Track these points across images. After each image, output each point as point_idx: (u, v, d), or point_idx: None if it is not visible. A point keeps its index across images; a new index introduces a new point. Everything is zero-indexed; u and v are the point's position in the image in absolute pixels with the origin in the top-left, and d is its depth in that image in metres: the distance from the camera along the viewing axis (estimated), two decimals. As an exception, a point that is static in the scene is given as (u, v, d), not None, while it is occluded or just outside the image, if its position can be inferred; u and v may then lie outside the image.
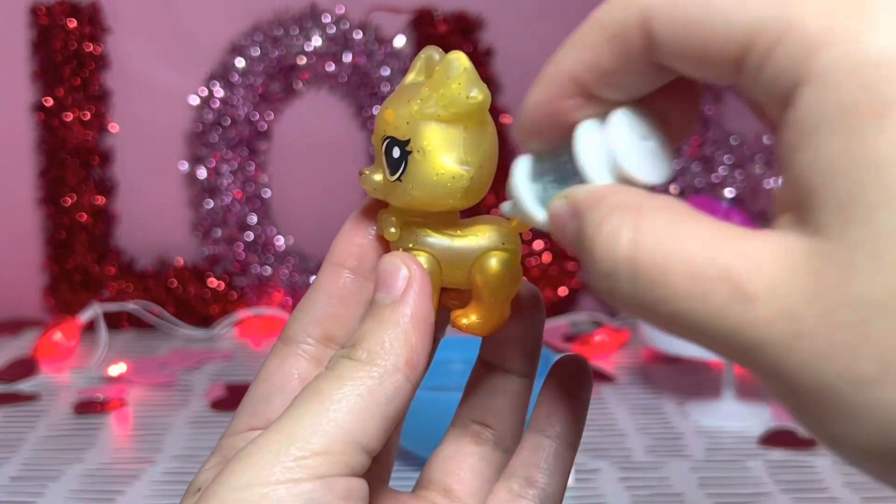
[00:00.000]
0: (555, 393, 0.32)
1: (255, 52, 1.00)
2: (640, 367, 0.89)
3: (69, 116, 1.00)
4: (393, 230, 0.30)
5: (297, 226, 1.04)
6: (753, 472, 0.69)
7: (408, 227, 0.30)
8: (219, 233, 1.02)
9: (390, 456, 0.33)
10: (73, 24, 1.00)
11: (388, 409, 0.27)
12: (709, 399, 0.79)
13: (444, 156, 0.29)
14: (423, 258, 0.30)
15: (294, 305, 1.00)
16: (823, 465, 0.70)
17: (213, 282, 1.02)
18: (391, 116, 0.29)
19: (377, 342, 0.27)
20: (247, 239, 1.02)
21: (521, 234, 0.31)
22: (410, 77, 0.30)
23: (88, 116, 1.01)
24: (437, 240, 0.30)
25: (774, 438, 0.73)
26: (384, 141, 0.29)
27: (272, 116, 1.02)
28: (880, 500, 0.66)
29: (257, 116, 1.01)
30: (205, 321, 1.01)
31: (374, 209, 0.31)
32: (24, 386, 0.87)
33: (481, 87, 0.28)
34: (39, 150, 1.02)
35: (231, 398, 0.82)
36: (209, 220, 1.02)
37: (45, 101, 1.01)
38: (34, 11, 1.00)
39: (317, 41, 1.00)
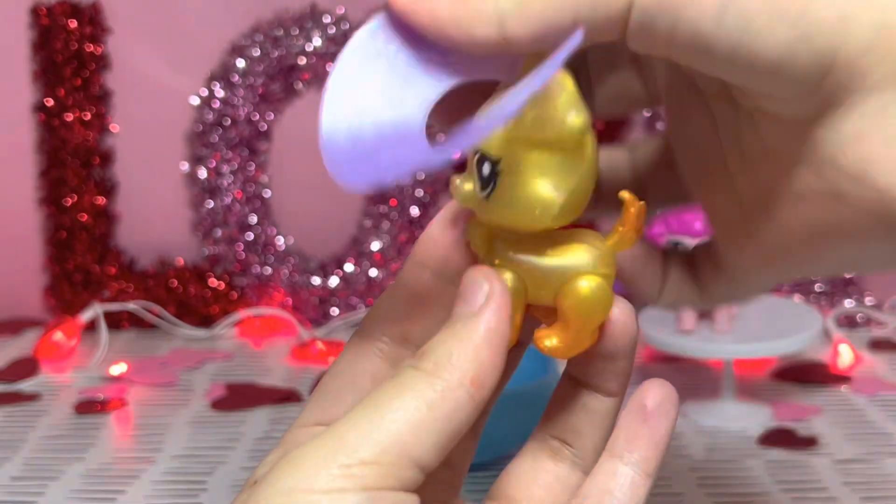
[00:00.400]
0: (637, 418, 0.30)
1: (256, 52, 1.00)
2: (640, 367, 0.89)
3: (70, 117, 1.00)
4: (479, 243, 0.29)
5: (297, 226, 1.04)
6: (753, 471, 0.69)
7: (495, 242, 0.29)
8: (219, 233, 1.02)
9: (464, 464, 0.32)
10: (73, 24, 1.00)
11: (446, 425, 0.26)
12: (708, 399, 0.79)
13: (535, 180, 0.27)
14: (508, 276, 0.29)
15: (294, 305, 1.01)
16: (823, 465, 0.70)
17: (213, 282, 1.02)
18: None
19: (445, 354, 0.27)
20: (247, 239, 1.02)
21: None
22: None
23: (89, 117, 1.01)
24: (525, 258, 0.29)
25: (774, 438, 0.74)
26: (476, 154, 0.28)
27: (272, 116, 1.02)
28: (880, 500, 0.66)
29: (257, 117, 1.02)
30: (205, 321, 1.01)
31: (464, 212, 0.30)
32: (24, 386, 0.87)
33: (580, 111, 0.27)
34: (40, 151, 1.02)
35: (231, 398, 0.82)
36: (209, 220, 1.02)
37: (46, 101, 1.01)
38: (35, 12, 1.00)
39: (317, 41, 1.00)
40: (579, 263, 0.29)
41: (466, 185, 0.29)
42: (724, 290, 0.36)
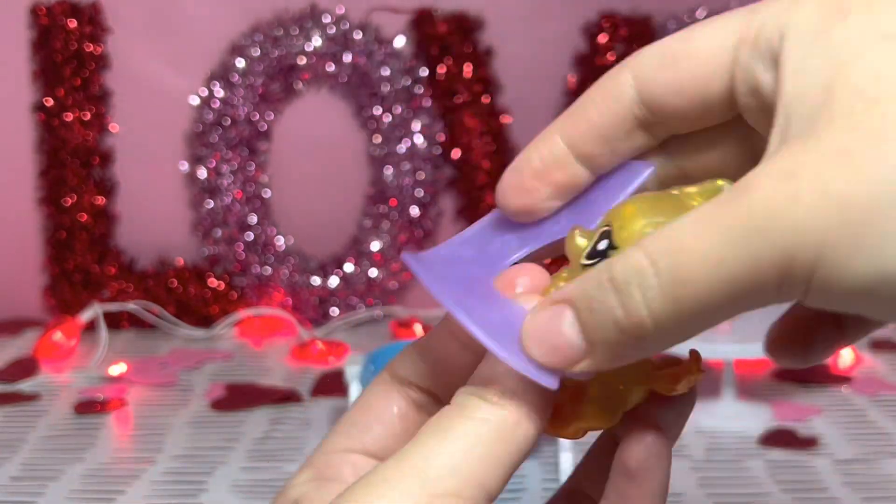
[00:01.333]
0: (622, 478, 0.30)
1: (255, 52, 1.00)
2: (639, 367, 0.89)
3: (69, 116, 1.00)
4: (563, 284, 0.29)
5: (297, 226, 1.04)
6: (753, 472, 0.69)
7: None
8: (219, 233, 1.02)
9: None
10: (73, 24, 1.00)
11: (516, 457, 0.26)
12: (709, 399, 0.79)
13: None
14: None
15: (294, 305, 1.01)
16: (823, 465, 0.70)
17: (213, 282, 1.02)
18: (629, 213, 0.28)
19: (511, 386, 0.27)
20: (247, 239, 1.02)
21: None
22: (693, 188, 0.27)
23: (89, 117, 1.01)
24: None
25: (774, 438, 0.74)
26: (606, 224, 0.28)
27: (272, 116, 1.02)
28: (880, 500, 0.66)
29: (257, 116, 1.02)
30: (205, 321, 1.01)
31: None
32: (24, 386, 0.87)
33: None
34: (40, 151, 1.02)
35: (231, 398, 0.82)
36: (209, 220, 1.02)
37: (46, 101, 1.01)
38: (34, 11, 1.00)
39: (317, 41, 1.00)
40: (598, 407, 0.29)
41: (580, 240, 0.29)
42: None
